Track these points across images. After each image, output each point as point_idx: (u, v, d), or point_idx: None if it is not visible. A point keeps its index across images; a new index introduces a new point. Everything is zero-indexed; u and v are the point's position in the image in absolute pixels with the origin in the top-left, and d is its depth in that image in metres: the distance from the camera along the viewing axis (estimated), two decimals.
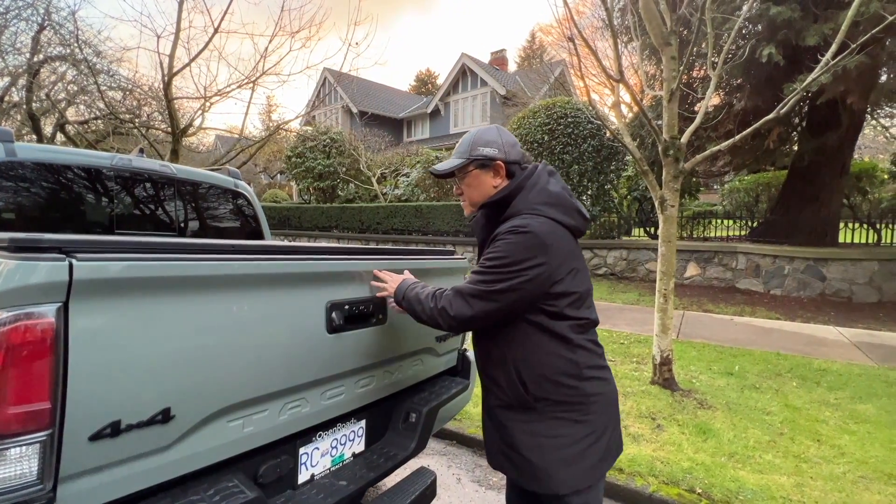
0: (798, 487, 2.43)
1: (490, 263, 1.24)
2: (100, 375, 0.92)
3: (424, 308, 1.31)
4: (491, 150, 1.34)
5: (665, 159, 3.46)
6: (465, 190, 1.41)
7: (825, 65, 2.85)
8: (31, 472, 0.88)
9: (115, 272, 0.93)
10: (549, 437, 1.25)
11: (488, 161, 1.34)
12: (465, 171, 1.38)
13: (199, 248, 1.12)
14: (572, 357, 1.27)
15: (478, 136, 1.38)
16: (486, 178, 1.36)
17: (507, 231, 1.24)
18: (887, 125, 12.98)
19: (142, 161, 2.62)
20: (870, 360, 4.53)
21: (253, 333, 1.18)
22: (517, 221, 1.25)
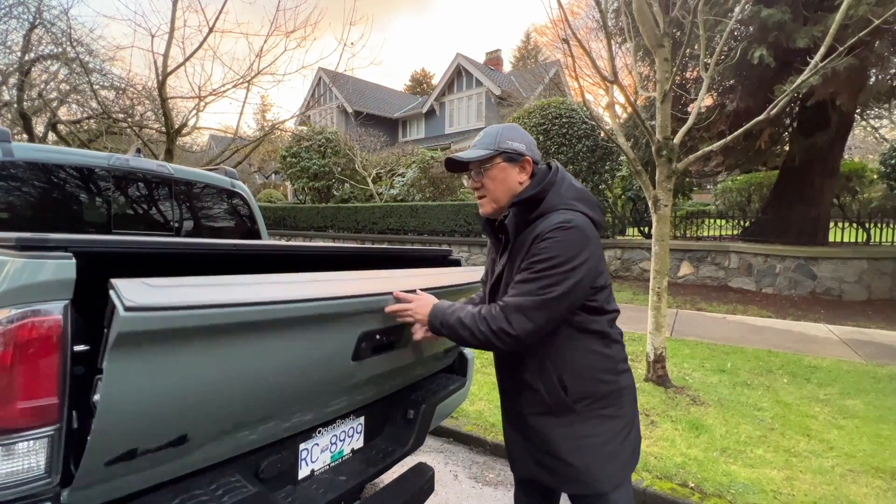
0: (788, 481, 2.48)
1: (543, 266, 1.15)
2: (125, 413, 0.88)
3: (474, 333, 1.19)
4: (519, 145, 1.28)
5: (658, 159, 3.51)
6: (487, 184, 1.29)
7: (814, 67, 2.90)
8: (39, 466, 0.90)
9: (172, 323, 0.85)
10: (588, 437, 1.23)
11: (517, 156, 1.27)
12: (491, 162, 1.27)
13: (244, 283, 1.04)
14: (609, 352, 1.27)
15: (504, 129, 1.30)
16: (513, 174, 1.28)
17: (552, 229, 1.16)
18: (877, 126, 13.15)
19: (139, 161, 2.63)
20: (858, 357, 4.61)
21: (283, 367, 1.16)
22: (558, 218, 1.18)
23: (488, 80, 20.33)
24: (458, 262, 2.23)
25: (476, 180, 1.32)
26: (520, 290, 1.17)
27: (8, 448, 0.87)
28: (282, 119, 10.92)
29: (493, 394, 3.66)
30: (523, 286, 1.17)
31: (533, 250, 1.18)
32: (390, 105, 25.86)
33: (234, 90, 7.85)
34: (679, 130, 3.61)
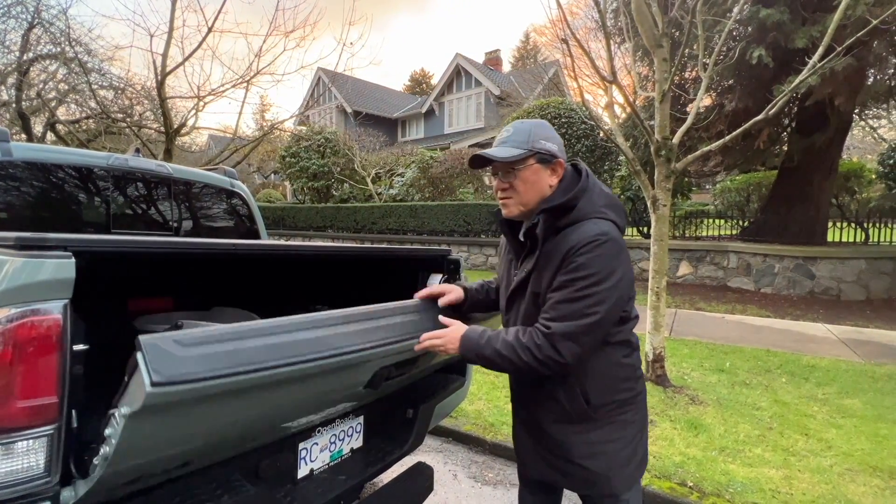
0: (786, 480, 2.49)
1: (585, 284, 1.10)
2: (136, 454, 0.88)
3: (514, 362, 1.14)
4: (553, 146, 1.21)
5: (657, 159, 3.52)
6: (517, 186, 1.21)
7: (812, 67, 2.91)
8: (39, 465, 0.90)
9: (199, 393, 0.82)
10: (606, 442, 1.23)
11: (550, 157, 1.20)
12: (524, 163, 1.19)
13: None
14: (631, 361, 1.27)
15: (536, 127, 1.21)
16: (544, 176, 1.21)
17: (589, 243, 1.11)
18: (875, 126, 13.19)
19: (138, 161, 2.63)
20: (857, 357, 4.62)
21: (299, 404, 1.18)
22: (593, 229, 1.14)
23: (488, 80, 20.34)
24: (458, 261, 2.23)
25: (504, 181, 1.23)
26: (564, 312, 1.11)
27: (7, 447, 0.87)
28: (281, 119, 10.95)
29: (492, 393, 3.66)
30: (567, 307, 1.11)
31: (569, 265, 1.12)
32: (389, 105, 25.86)
33: (233, 90, 7.85)
34: (678, 130, 3.62)
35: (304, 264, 2.55)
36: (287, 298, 2.66)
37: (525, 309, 1.25)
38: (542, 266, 1.19)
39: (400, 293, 2.31)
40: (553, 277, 1.15)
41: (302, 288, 2.68)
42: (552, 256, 1.17)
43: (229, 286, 2.41)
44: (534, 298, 1.21)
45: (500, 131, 1.38)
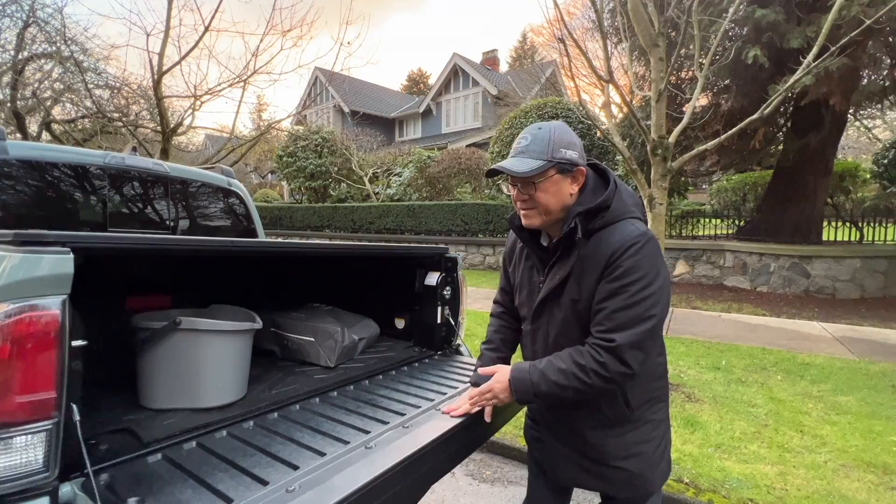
0: (781, 476, 2.51)
1: (638, 287, 1.08)
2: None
3: (580, 389, 1.10)
4: (573, 154, 1.17)
5: (653, 158, 3.53)
6: (538, 198, 1.17)
7: (807, 66, 2.93)
8: (37, 461, 0.90)
9: None
10: (642, 443, 1.23)
11: (571, 166, 1.16)
12: (543, 175, 1.15)
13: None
14: (663, 359, 1.28)
15: (557, 134, 1.17)
16: (565, 186, 1.18)
17: (632, 245, 1.09)
18: (870, 126, 13.26)
19: (135, 159, 2.62)
20: (851, 354, 4.65)
21: None
22: (632, 230, 1.12)
23: (485, 80, 20.35)
24: (455, 259, 2.24)
25: (523, 192, 1.19)
26: (622, 321, 1.07)
27: (6, 442, 0.87)
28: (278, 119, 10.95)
29: None
30: (625, 315, 1.07)
31: (616, 270, 1.09)
32: (387, 105, 25.84)
33: (229, 89, 7.83)
34: (674, 130, 3.64)
35: (301, 262, 2.55)
36: (284, 296, 2.66)
37: (562, 317, 1.20)
38: (580, 271, 1.15)
39: (397, 291, 2.33)
40: (596, 282, 1.12)
41: (299, 286, 2.68)
42: (590, 260, 1.13)
43: (227, 284, 2.41)
44: (572, 305, 1.17)
45: (501, 129, 1.33)
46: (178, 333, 1.34)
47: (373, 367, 1.90)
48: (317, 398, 1.56)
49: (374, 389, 1.69)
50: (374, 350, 2.18)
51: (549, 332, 1.24)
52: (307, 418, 1.38)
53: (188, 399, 1.37)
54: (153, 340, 1.35)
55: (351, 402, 1.55)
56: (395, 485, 1.10)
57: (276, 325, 1.98)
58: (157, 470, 1.07)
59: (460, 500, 2.50)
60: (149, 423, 1.27)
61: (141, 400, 1.41)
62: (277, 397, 1.52)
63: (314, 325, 1.92)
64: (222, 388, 1.42)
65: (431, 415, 1.46)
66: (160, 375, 1.38)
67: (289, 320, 1.98)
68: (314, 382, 1.69)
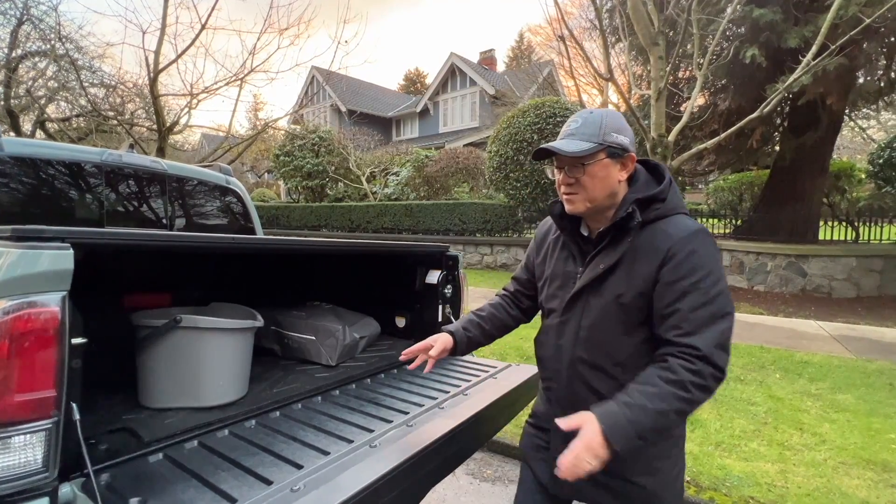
0: (782, 474, 2.51)
1: (710, 283, 1.02)
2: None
3: (686, 409, 1.00)
4: (625, 139, 1.11)
5: (653, 157, 3.53)
6: (585, 182, 1.11)
7: (806, 65, 2.94)
8: (36, 460, 0.88)
9: None
10: (663, 458, 1.17)
11: (622, 151, 1.11)
12: (593, 158, 1.09)
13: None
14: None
15: (609, 118, 1.13)
16: (614, 171, 1.11)
17: (692, 240, 1.05)
18: (864, 126, 13.36)
19: (132, 157, 2.60)
20: (849, 353, 4.68)
21: None
22: (690, 224, 1.08)
23: (482, 80, 20.35)
24: (456, 257, 2.23)
25: (570, 176, 1.13)
26: (702, 321, 1.00)
27: (4, 441, 0.85)
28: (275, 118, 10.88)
29: None
30: (704, 314, 1.01)
31: (680, 267, 1.03)
32: (384, 104, 25.78)
33: (226, 88, 7.79)
34: (673, 128, 3.64)
35: (301, 261, 2.53)
36: (284, 295, 2.64)
37: (600, 310, 1.12)
38: (631, 262, 1.08)
39: (398, 289, 2.31)
40: (651, 276, 1.05)
41: (299, 284, 2.66)
42: (644, 252, 1.07)
43: (226, 283, 2.39)
44: (615, 299, 1.09)
45: (499, 128, 1.24)
46: (178, 331, 1.32)
47: (374, 365, 1.89)
48: (319, 397, 1.55)
49: (376, 388, 1.68)
50: (374, 349, 2.16)
51: (580, 325, 1.15)
52: (310, 417, 1.37)
53: (189, 398, 1.36)
54: (153, 338, 1.33)
55: (353, 400, 1.54)
56: (400, 484, 1.09)
57: (276, 323, 1.96)
58: (159, 470, 1.06)
59: (461, 499, 2.49)
60: (149, 423, 1.26)
61: (140, 399, 1.39)
62: (279, 396, 1.50)
63: (315, 324, 1.90)
64: (223, 386, 1.41)
65: (435, 413, 1.45)
66: (160, 374, 1.36)
67: (289, 318, 1.96)
68: (316, 381, 1.68)
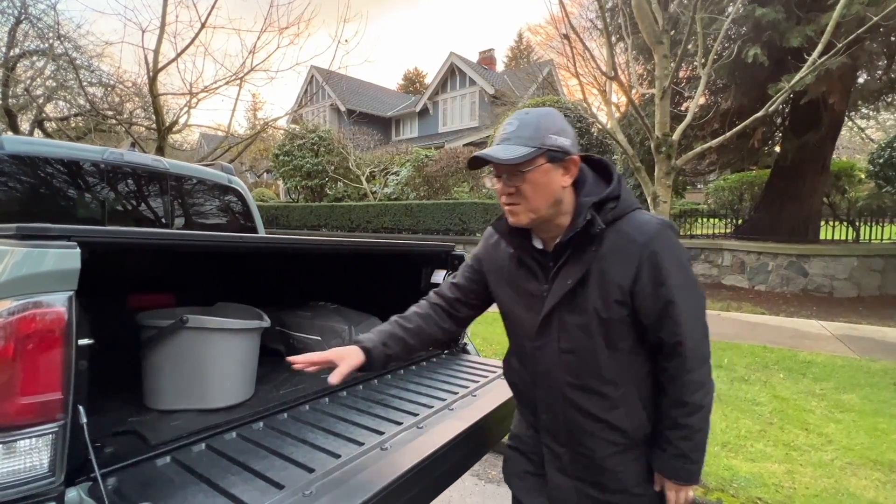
0: (789, 474, 2.50)
1: (687, 282, 1.01)
2: None
3: (706, 428, 1.03)
4: (565, 142, 1.02)
5: (657, 156, 3.52)
6: (525, 190, 1.01)
7: (812, 63, 2.93)
8: (42, 465, 0.86)
9: None
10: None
11: (563, 154, 1.01)
12: (531, 164, 1.00)
13: None
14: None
15: (546, 119, 1.03)
16: (556, 177, 1.02)
17: (661, 240, 1.00)
18: (863, 126, 13.38)
19: (134, 155, 2.57)
20: (852, 353, 4.67)
21: None
22: (651, 219, 1.03)
23: (482, 80, 20.33)
24: (462, 257, 2.21)
25: (509, 184, 1.03)
26: (690, 321, 0.99)
27: (9, 446, 0.83)
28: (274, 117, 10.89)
29: None
30: (688, 314, 0.99)
31: (658, 270, 0.98)
32: (383, 104, 25.75)
33: (226, 87, 7.76)
34: (677, 128, 3.63)
35: (305, 260, 2.51)
36: (288, 295, 2.61)
37: (581, 327, 1.03)
38: (600, 271, 1.01)
39: (403, 289, 2.29)
40: (627, 284, 0.99)
41: (302, 284, 2.64)
42: (611, 258, 1.00)
43: (230, 282, 2.37)
44: (594, 312, 1.01)
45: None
46: (185, 332, 1.30)
47: None
48: (326, 398, 1.52)
49: (383, 389, 1.66)
50: None
51: (560, 348, 1.06)
52: (318, 419, 1.35)
53: (195, 399, 1.33)
54: (159, 339, 1.31)
55: (361, 402, 1.51)
56: (414, 487, 1.07)
57: (281, 323, 1.94)
58: (167, 473, 1.03)
59: (466, 501, 2.47)
60: (155, 425, 1.23)
61: (146, 401, 1.37)
62: (286, 397, 1.48)
63: (321, 324, 1.88)
64: (230, 388, 1.38)
65: (444, 415, 1.43)
66: (166, 375, 1.34)
67: (294, 319, 1.94)
68: (322, 382, 1.63)
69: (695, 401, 1.00)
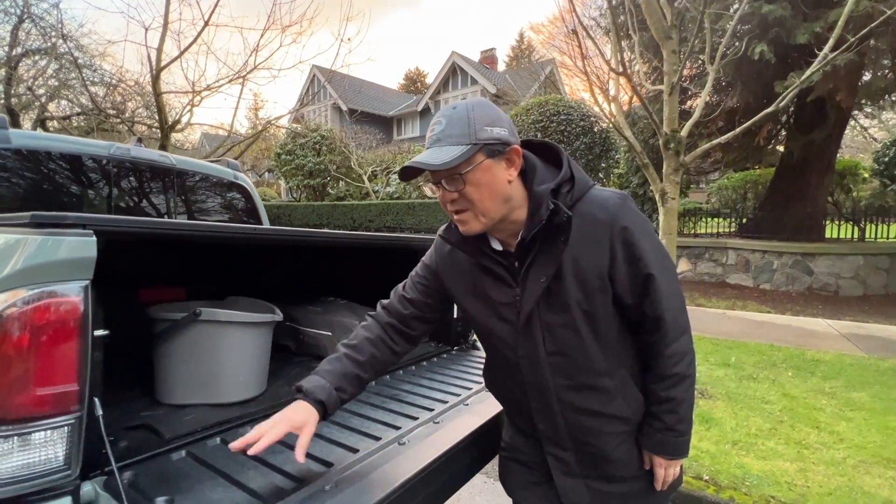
0: (801, 473, 2.47)
1: (659, 254, 0.97)
2: None
3: (693, 399, 1.02)
4: (502, 131, 0.92)
5: (666, 152, 3.49)
6: (469, 194, 0.91)
7: (823, 58, 2.90)
8: (58, 458, 0.84)
9: None
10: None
11: (502, 146, 0.91)
12: (470, 163, 0.89)
13: None
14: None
15: (476, 110, 0.92)
16: (500, 171, 0.92)
17: (625, 216, 0.94)
18: (866, 126, 13.33)
19: (140, 151, 2.56)
20: (860, 351, 4.64)
21: None
22: (610, 195, 0.97)
23: (483, 79, 20.31)
24: None
25: (450, 190, 0.92)
26: (666, 291, 0.95)
27: (25, 438, 0.81)
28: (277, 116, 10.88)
29: None
30: (665, 285, 0.96)
31: (631, 248, 0.93)
32: (385, 103, 25.75)
33: (228, 86, 7.73)
34: (685, 124, 3.60)
35: (314, 255, 2.49)
36: (296, 290, 2.59)
37: (565, 325, 0.96)
38: (572, 261, 0.93)
39: None
40: (603, 269, 0.93)
41: (311, 279, 2.62)
42: (580, 245, 0.93)
43: (239, 277, 2.34)
44: (577, 307, 0.95)
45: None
46: (197, 325, 1.28)
47: None
48: None
49: (396, 384, 1.64)
50: None
51: (547, 352, 0.98)
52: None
53: (208, 394, 1.31)
54: (171, 333, 1.29)
55: (374, 397, 1.49)
56: (433, 483, 1.05)
57: (291, 318, 1.92)
58: (183, 467, 1.01)
59: (476, 499, 2.45)
60: (168, 419, 1.21)
61: (157, 396, 1.35)
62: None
63: (331, 319, 1.86)
64: (243, 382, 1.36)
65: (460, 410, 1.41)
66: (179, 369, 1.32)
67: (304, 314, 1.92)
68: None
69: (678, 371, 0.97)
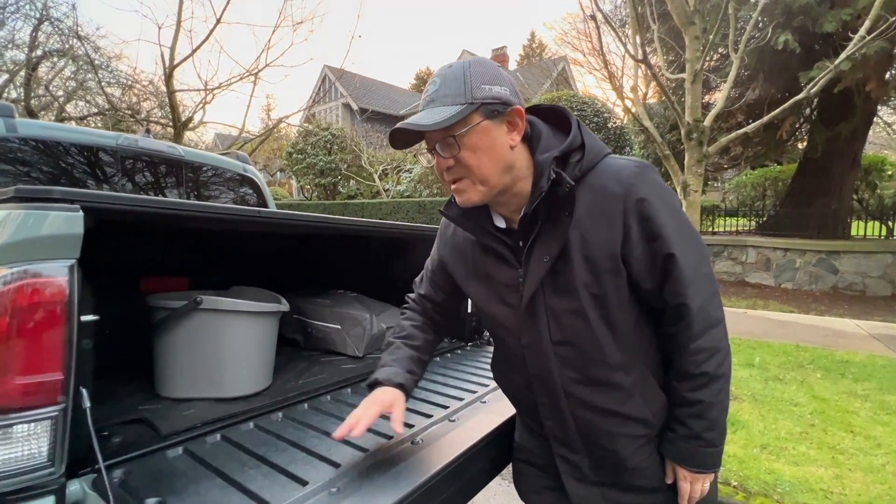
0: (837, 479, 2.32)
1: (686, 226, 0.84)
2: None
3: (728, 388, 0.89)
4: (503, 90, 0.82)
5: (688, 143, 3.35)
6: (466, 159, 0.82)
7: (859, 40, 2.74)
8: (41, 453, 0.77)
9: None
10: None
11: (503, 107, 0.81)
12: (466, 124, 0.80)
13: None
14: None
15: (473, 67, 0.83)
16: (500, 135, 0.82)
17: (644, 187, 0.82)
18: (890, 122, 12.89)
19: (148, 141, 2.51)
20: (891, 352, 4.42)
21: None
22: (626, 163, 0.85)
23: None
24: None
25: (445, 156, 0.83)
26: (693, 275, 0.82)
27: (4, 431, 0.74)
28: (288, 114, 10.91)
29: None
30: (691, 268, 0.82)
31: (650, 223, 0.81)
32: (396, 102, 25.75)
33: (240, 83, 7.76)
34: (708, 114, 3.46)
35: (322, 245, 2.41)
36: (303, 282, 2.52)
37: (572, 311, 0.86)
38: (580, 238, 0.83)
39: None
40: (616, 248, 0.82)
41: (319, 271, 2.55)
42: (589, 221, 0.82)
43: (244, 267, 2.28)
44: (585, 290, 0.84)
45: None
46: (199, 315, 1.21)
47: None
48: (349, 388, 1.42)
49: None
50: None
51: (552, 341, 0.89)
52: (341, 410, 1.24)
53: (210, 388, 1.24)
54: (172, 322, 1.22)
55: None
56: (449, 486, 0.96)
57: (298, 311, 1.84)
58: (179, 466, 0.94)
59: (491, 502, 2.36)
60: (167, 414, 1.14)
61: (157, 388, 1.28)
62: (305, 387, 1.38)
63: (341, 312, 1.78)
64: (247, 376, 1.29)
65: (477, 408, 1.31)
66: (179, 362, 1.25)
67: (312, 306, 1.84)
68: (343, 372, 1.56)
69: (706, 371, 0.84)
